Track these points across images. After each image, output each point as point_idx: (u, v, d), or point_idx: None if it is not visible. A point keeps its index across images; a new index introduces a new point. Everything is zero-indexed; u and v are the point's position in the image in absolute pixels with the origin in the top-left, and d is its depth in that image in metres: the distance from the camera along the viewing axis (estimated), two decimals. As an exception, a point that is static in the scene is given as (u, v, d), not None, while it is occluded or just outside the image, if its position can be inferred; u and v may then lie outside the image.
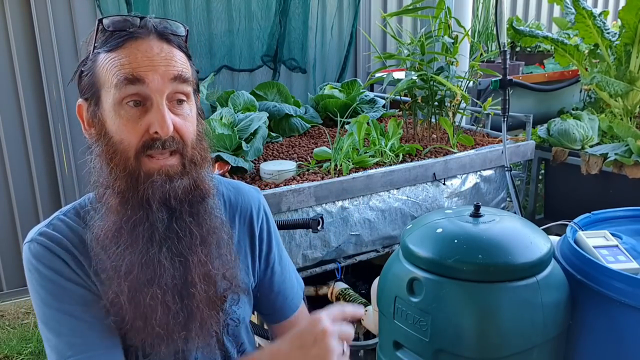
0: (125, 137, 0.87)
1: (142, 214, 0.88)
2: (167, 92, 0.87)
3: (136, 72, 0.85)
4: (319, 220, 1.74)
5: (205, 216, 0.94)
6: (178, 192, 0.89)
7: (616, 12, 4.21)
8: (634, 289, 1.13)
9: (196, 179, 0.92)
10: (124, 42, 0.87)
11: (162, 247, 0.90)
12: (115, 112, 0.87)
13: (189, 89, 0.92)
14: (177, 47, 0.91)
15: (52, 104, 2.89)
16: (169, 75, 0.87)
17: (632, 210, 1.51)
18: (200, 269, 0.93)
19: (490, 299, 1.14)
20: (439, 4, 2.39)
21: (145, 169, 0.88)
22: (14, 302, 2.99)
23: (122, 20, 0.89)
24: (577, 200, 2.65)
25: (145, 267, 0.89)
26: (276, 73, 3.40)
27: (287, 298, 1.17)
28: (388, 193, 2.03)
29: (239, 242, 1.10)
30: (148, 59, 0.86)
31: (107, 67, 0.87)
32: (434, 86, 2.36)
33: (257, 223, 1.12)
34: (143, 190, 0.87)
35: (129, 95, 0.86)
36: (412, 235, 1.27)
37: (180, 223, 0.91)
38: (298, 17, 3.35)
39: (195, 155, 0.93)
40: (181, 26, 0.94)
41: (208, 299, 0.95)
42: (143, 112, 0.87)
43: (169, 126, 0.86)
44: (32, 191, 2.96)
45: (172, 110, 0.89)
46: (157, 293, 0.89)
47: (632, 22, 2.63)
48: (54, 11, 2.83)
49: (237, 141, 2.10)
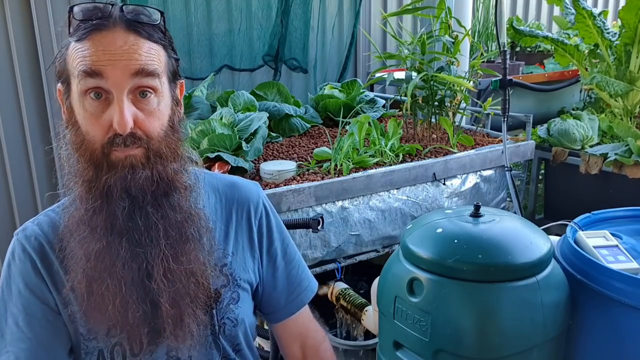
0: (90, 130, 0.87)
1: (102, 202, 0.87)
2: (128, 87, 0.85)
3: (95, 66, 0.83)
4: (319, 220, 1.74)
5: (170, 210, 0.92)
6: (139, 182, 0.88)
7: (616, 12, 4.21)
8: (634, 289, 1.13)
9: (161, 172, 0.90)
10: (89, 33, 0.85)
11: (122, 238, 0.88)
12: (80, 102, 0.87)
13: (156, 82, 0.88)
14: (147, 38, 0.87)
15: (52, 104, 2.89)
16: (130, 70, 0.84)
17: (632, 210, 1.51)
18: (163, 264, 0.91)
19: (490, 299, 1.14)
20: (439, 4, 2.39)
21: (110, 160, 0.87)
22: (14, 302, 2.99)
23: (91, 9, 0.86)
24: (577, 200, 2.65)
25: (102, 255, 0.88)
26: (277, 73, 3.40)
27: (291, 294, 1.15)
28: (388, 193, 2.03)
29: (237, 239, 1.08)
30: (109, 52, 0.84)
31: (73, 57, 0.86)
32: (434, 86, 2.36)
33: (255, 218, 1.10)
34: (105, 180, 0.87)
35: (90, 88, 0.85)
36: (412, 235, 1.27)
37: (142, 214, 0.89)
38: (300, 16, 3.35)
39: (162, 148, 0.90)
40: (155, 13, 0.90)
41: (177, 294, 0.93)
42: (105, 105, 0.86)
43: (127, 123, 0.84)
44: (32, 191, 2.96)
45: (136, 104, 0.87)
46: (112, 284, 0.88)
47: (632, 22, 2.63)
48: (54, 11, 2.83)
49: (237, 141, 2.10)
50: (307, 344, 1.18)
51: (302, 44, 3.41)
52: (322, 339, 1.21)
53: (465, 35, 2.43)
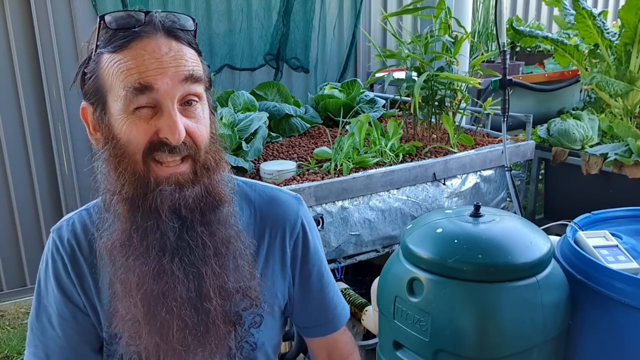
0: (132, 138, 0.81)
1: (153, 222, 0.82)
2: (179, 95, 0.81)
3: (144, 80, 0.78)
4: (318, 220, 1.74)
5: (218, 226, 0.88)
6: (189, 201, 0.83)
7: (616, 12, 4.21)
8: (634, 289, 1.13)
9: (208, 186, 0.86)
10: (129, 42, 0.79)
11: (175, 258, 0.84)
12: (124, 119, 0.81)
13: (201, 88, 0.85)
14: (187, 44, 0.84)
15: (52, 104, 2.89)
16: (180, 77, 0.80)
17: (632, 210, 1.51)
18: (215, 282, 0.87)
19: (490, 299, 1.14)
20: (439, 4, 2.39)
21: (154, 175, 0.82)
22: (14, 302, 2.99)
23: (126, 17, 0.81)
24: (577, 200, 2.65)
25: (159, 278, 0.83)
26: (278, 72, 3.40)
27: (321, 318, 1.10)
28: (388, 193, 2.03)
29: (267, 259, 1.01)
30: (156, 60, 0.79)
31: (113, 72, 0.80)
32: (434, 86, 2.36)
33: (290, 239, 1.03)
34: (152, 198, 0.82)
35: (140, 105, 0.80)
36: (412, 235, 1.27)
37: (191, 233, 0.85)
38: (301, 15, 3.35)
39: (209, 159, 0.87)
40: (190, 20, 0.86)
41: (225, 314, 0.90)
42: (154, 113, 0.81)
43: (181, 133, 0.80)
44: (32, 191, 2.96)
45: (184, 113, 0.83)
46: (172, 306, 0.84)
47: (632, 22, 2.63)
48: (54, 11, 2.83)
49: (237, 141, 2.10)
50: (334, 356, 1.15)
51: (303, 43, 3.41)
52: (352, 349, 1.17)
53: (466, 35, 2.43)
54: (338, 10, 3.61)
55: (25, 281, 3.05)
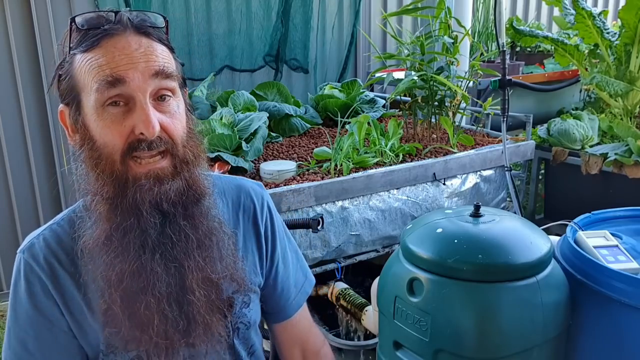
0: (109, 140, 0.82)
1: (133, 220, 0.83)
2: (150, 90, 0.83)
3: (115, 73, 0.80)
4: (319, 220, 1.74)
5: (201, 218, 0.90)
6: (170, 195, 0.85)
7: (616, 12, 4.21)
8: (634, 289, 1.13)
9: (189, 179, 0.88)
10: (100, 40, 0.82)
11: (155, 254, 0.85)
12: (97, 115, 0.82)
13: (174, 84, 0.86)
14: (157, 40, 0.86)
15: (52, 104, 2.89)
16: (150, 71, 0.82)
17: (632, 210, 1.51)
18: (198, 274, 0.89)
19: (490, 299, 1.14)
20: (439, 4, 2.39)
21: (132, 173, 0.83)
22: (14, 302, 2.99)
23: (96, 17, 0.83)
24: (577, 200, 2.65)
25: (137, 275, 0.84)
26: (278, 73, 3.40)
27: (290, 297, 1.15)
28: (388, 193, 2.03)
29: (245, 242, 1.06)
30: (126, 56, 0.81)
31: (85, 69, 0.82)
32: (434, 86, 2.36)
33: (261, 220, 1.08)
34: (131, 195, 0.83)
35: (111, 97, 0.81)
36: (412, 235, 1.27)
37: (174, 227, 0.86)
38: (300, 16, 3.35)
39: (187, 153, 0.88)
40: (160, 17, 0.88)
41: (210, 303, 0.91)
42: (126, 112, 0.82)
43: (155, 126, 0.81)
44: (32, 191, 2.96)
45: (158, 108, 0.84)
46: (151, 302, 0.85)
47: (632, 22, 2.63)
48: (54, 11, 2.83)
49: (237, 141, 2.10)
50: (307, 349, 1.18)
51: (302, 43, 3.42)
52: (322, 343, 1.21)
53: (465, 35, 2.43)
54: (337, 10, 3.61)
55: (25, 281, 3.05)
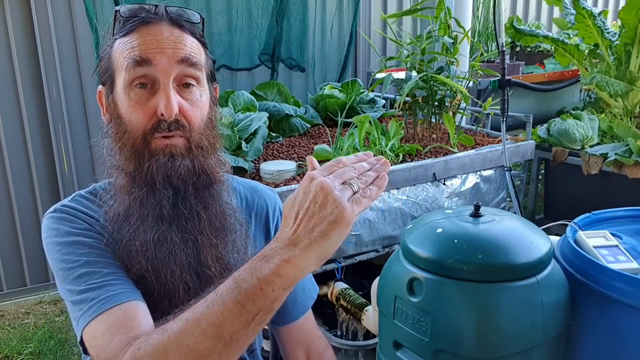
0: (134, 118, 0.89)
1: (148, 190, 0.89)
2: (174, 74, 0.89)
3: (144, 54, 0.87)
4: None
5: (211, 200, 0.94)
6: (180, 172, 0.90)
7: (616, 12, 4.21)
8: (634, 289, 1.13)
9: (202, 164, 0.93)
10: (137, 26, 0.90)
11: (172, 225, 0.91)
12: (125, 94, 0.89)
13: (199, 73, 0.93)
14: (189, 33, 0.93)
15: (52, 104, 2.89)
16: (176, 57, 0.89)
17: (632, 210, 1.51)
18: (212, 251, 0.93)
19: (490, 299, 1.14)
20: (438, 5, 2.39)
21: (151, 148, 0.90)
22: (14, 302, 2.99)
23: (137, 7, 0.92)
24: (577, 200, 2.65)
25: (159, 243, 0.89)
26: (274, 72, 3.40)
27: (296, 299, 1.15)
28: (388, 193, 2.03)
29: (255, 241, 1.09)
30: (157, 41, 0.88)
31: (120, 51, 0.90)
32: (434, 86, 2.36)
33: (272, 223, 1.12)
34: (147, 167, 0.89)
35: (138, 77, 0.88)
36: (412, 235, 1.27)
37: (185, 204, 0.91)
38: (296, 15, 3.35)
39: (202, 140, 0.93)
40: (196, 14, 0.96)
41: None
42: (151, 94, 0.89)
43: (174, 107, 0.88)
44: (32, 191, 2.96)
45: (180, 93, 0.91)
46: (175, 270, 0.90)
47: (632, 22, 2.63)
48: (54, 11, 2.83)
49: (237, 141, 2.10)
50: (311, 350, 1.19)
51: (299, 42, 3.41)
52: (326, 345, 1.22)
53: (465, 35, 2.43)
54: (336, 10, 3.61)
55: (25, 281, 3.05)
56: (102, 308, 0.82)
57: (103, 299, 0.83)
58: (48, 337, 2.65)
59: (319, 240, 0.70)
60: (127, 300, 0.84)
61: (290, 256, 0.70)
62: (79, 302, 0.85)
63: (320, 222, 0.70)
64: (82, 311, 0.84)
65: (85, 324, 0.83)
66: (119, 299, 0.84)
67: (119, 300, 0.83)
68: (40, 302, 3.02)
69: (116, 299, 0.84)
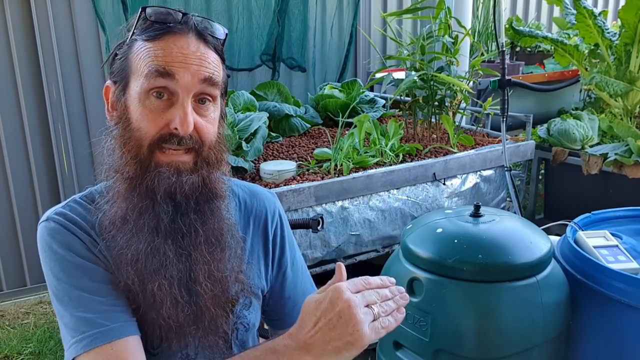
0: (144, 126, 0.87)
1: (148, 202, 0.88)
2: (195, 91, 0.88)
3: (168, 67, 0.86)
4: (319, 220, 1.74)
5: (211, 217, 0.94)
6: (185, 188, 0.89)
7: (616, 12, 4.21)
8: (634, 289, 1.13)
9: (206, 179, 0.92)
10: (163, 34, 0.88)
11: (167, 239, 0.90)
12: (140, 100, 0.88)
13: (217, 91, 0.92)
14: (213, 49, 0.92)
15: (52, 104, 2.89)
16: (200, 76, 0.87)
17: (632, 210, 1.51)
18: (205, 267, 0.93)
19: (490, 299, 1.14)
20: (439, 4, 2.39)
21: (156, 159, 0.88)
22: (14, 302, 2.99)
23: (165, 13, 0.90)
24: (577, 200, 2.65)
25: (151, 256, 0.88)
26: (275, 72, 3.40)
27: (297, 304, 1.14)
28: (388, 193, 2.03)
29: (252, 246, 1.09)
30: (183, 55, 0.87)
31: (141, 56, 0.88)
32: (434, 86, 2.36)
33: (271, 227, 1.12)
34: (149, 178, 0.87)
35: (157, 87, 0.86)
36: (412, 235, 1.27)
37: (184, 219, 0.90)
38: (297, 15, 3.35)
39: (211, 155, 0.93)
40: (221, 29, 0.94)
41: (216, 298, 0.94)
42: (167, 106, 0.87)
43: (190, 124, 0.86)
44: (32, 191, 2.96)
45: (196, 109, 0.90)
46: (163, 284, 0.89)
47: (632, 22, 2.63)
48: (54, 11, 2.83)
49: (237, 141, 2.10)
50: None
51: (300, 42, 3.41)
52: None
53: (466, 35, 2.43)
54: (336, 10, 3.61)
55: (25, 281, 3.05)
56: (94, 344, 0.84)
57: (96, 333, 0.85)
58: (48, 337, 2.64)
59: (332, 355, 0.76)
60: (119, 338, 0.86)
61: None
62: (72, 329, 0.87)
63: (338, 338, 0.76)
64: (75, 340, 0.86)
65: (75, 354, 0.85)
66: (112, 335, 0.85)
67: (111, 338, 0.85)
68: (40, 302, 3.02)
69: (109, 336, 0.85)
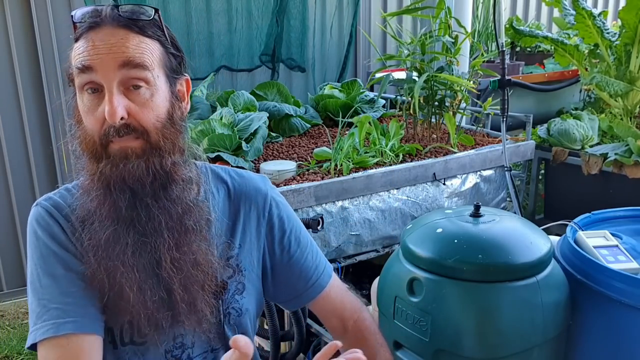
0: (89, 123, 0.91)
1: (105, 192, 0.91)
2: (118, 79, 0.88)
3: (86, 61, 0.88)
4: (319, 220, 1.74)
5: (169, 202, 0.94)
6: (134, 173, 0.90)
7: (616, 12, 4.21)
8: (634, 289, 1.13)
9: (157, 164, 0.92)
10: (85, 32, 0.90)
11: (128, 227, 0.91)
12: (80, 98, 0.91)
13: (145, 73, 0.90)
14: (138, 32, 0.91)
15: (52, 104, 2.89)
16: (117, 62, 0.87)
17: (632, 210, 1.51)
18: (169, 253, 0.94)
19: (490, 299, 1.14)
20: (439, 4, 2.39)
21: (108, 151, 0.91)
22: (14, 302, 2.99)
23: (88, 11, 0.92)
24: (577, 200, 2.65)
25: (113, 244, 0.91)
26: (275, 72, 3.39)
27: (309, 280, 1.14)
28: (388, 193, 2.03)
29: (244, 231, 1.09)
30: (97, 47, 0.88)
31: (73, 57, 0.91)
32: (434, 86, 2.36)
33: (264, 210, 1.11)
34: (102, 168, 0.90)
35: (86, 82, 0.89)
36: (412, 235, 1.27)
37: (141, 205, 0.92)
38: (296, 16, 3.35)
39: (160, 140, 0.92)
40: (149, 10, 0.93)
41: (190, 283, 0.96)
42: (100, 99, 0.89)
43: (116, 114, 0.87)
44: (32, 191, 2.96)
45: (129, 96, 0.90)
46: (126, 271, 0.91)
47: (632, 22, 2.63)
48: (54, 11, 2.83)
49: (237, 141, 2.10)
50: (344, 316, 1.18)
51: (299, 42, 3.40)
52: (359, 308, 1.20)
53: (467, 35, 2.43)
54: (336, 10, 3.61)
55: (25, 281, 3.05)
56: (49, 334, 0.89)
57: (53, 323, 0.90)
58: (48, 337, 2.65)
59: None
60: (75, 332, 0.90)
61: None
62: (35, 315, 0.92)
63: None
64: (35, 327, 0.91)
65: (33, 341, 0.90)
66: (69, 329, 0.89)
67: (68, 331, 0.89)
68: (40, 302, 3.02)
69: (65, 329, 0.89)
